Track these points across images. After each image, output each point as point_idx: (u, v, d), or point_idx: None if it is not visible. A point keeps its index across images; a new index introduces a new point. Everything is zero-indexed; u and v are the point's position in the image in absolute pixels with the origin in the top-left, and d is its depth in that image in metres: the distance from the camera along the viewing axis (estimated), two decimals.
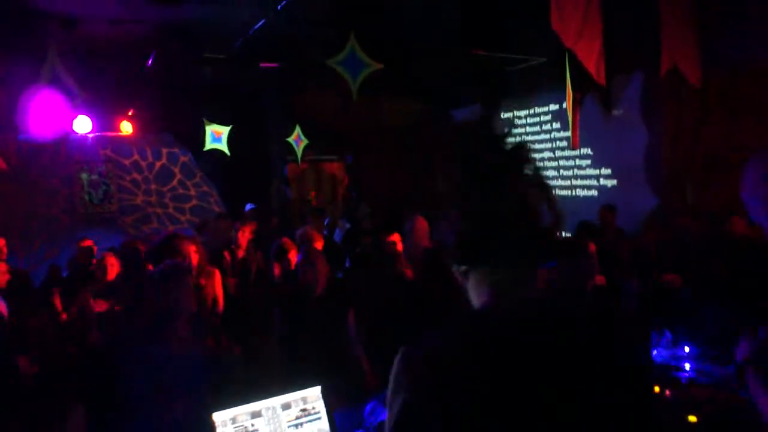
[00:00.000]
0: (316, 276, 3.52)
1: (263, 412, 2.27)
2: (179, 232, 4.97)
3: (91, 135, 8.95)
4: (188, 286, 3.01)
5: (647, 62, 5.97)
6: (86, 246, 5.77)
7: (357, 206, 9.44)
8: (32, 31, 6.34)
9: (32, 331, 4.50)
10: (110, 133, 9.26)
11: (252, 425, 2.23)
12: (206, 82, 8.91)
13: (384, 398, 2.52)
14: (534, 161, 1.09)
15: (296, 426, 2.30)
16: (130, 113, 9.28)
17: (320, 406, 2.37)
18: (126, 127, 9.29)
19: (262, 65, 8.08)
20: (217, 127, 8.92)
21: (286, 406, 2.32)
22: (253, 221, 6.26)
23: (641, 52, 6.02)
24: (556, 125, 8.42)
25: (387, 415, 1.03)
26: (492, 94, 9.14)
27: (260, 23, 6.74)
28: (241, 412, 2.23)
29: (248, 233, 5.63)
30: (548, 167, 8.48)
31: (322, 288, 3.55)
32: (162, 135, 9.72)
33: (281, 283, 4.57)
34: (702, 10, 5.55)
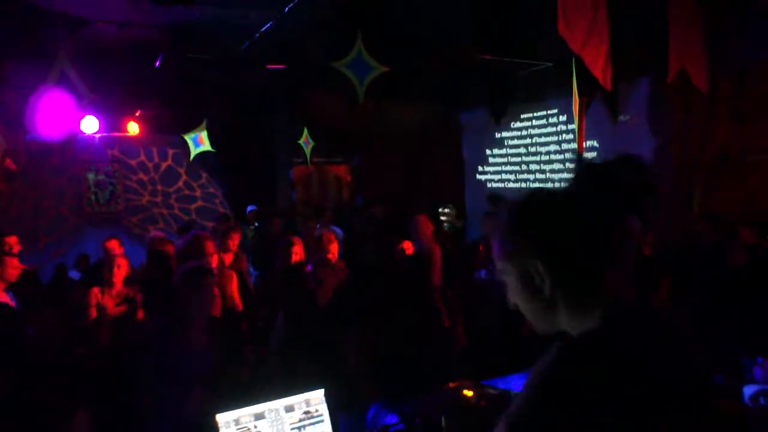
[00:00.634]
0: (323, 289, 3.52)
1: (266, 414, 2.27)
2: (201, 233, 4.96)
3: (98, 135, 8.99)
4: (210, 288, 3.04)
5: (654, 67, 5.95)
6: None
7: (367, 208, 9.40)
8: (41, 33, 6.37)
9: (37, 329, 4.51)
10: (117, 134, 9.31)
11: (255, 427, 2.23)
12: (213, 84, 8.94)
13: (386, 402, 2.52)
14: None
15: (299, 429, 2.30)
16: (137, 114, 9.32)
17: (323, 409, 2.37)
18: (133, 128, 9.32)
19: (269, 67, 8.10)
20: (205, 137, 8.83)
21: (290, 409, 2.32)
22: (239, 230, 6.23)
23: (648, 57, 6.01)
24: (563, 128, 8.42)
25: None
26: (499, 99, 9.13)
27: (267, 25, 6.76)
28: (245, 414, 2.24)
29: (236, 240, 5.64)
30: (555, 170, 8.49)
31: (328, 300, 3.56)
32: (168, 136, 9.76)
33: (283, 281, 4.58)
34: (709, 15, 5.53)
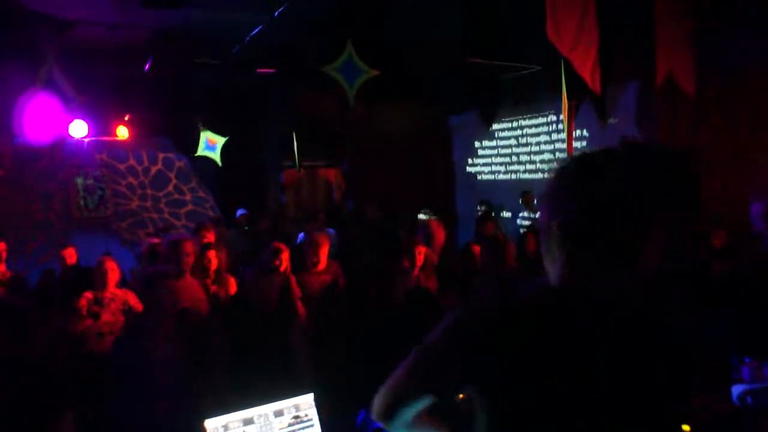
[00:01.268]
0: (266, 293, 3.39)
1: (255, 419, 2.25)
2: (183, 236, 4.90)
3: (87, 139, 8.92)
4: (167, 292, 2.98)
5: (643, 71, 5.99)
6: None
7: (363, 210, 9.36)
8: (29, 35, 6.33)
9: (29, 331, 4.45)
10: (106, 138, 9.23)
11: None
12: (203, 88, 8.91)
13: None
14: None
15: None
16: (127, 118, 9.26)
17: (313, 414, 2.35)
18: (122, 132, 9.25)
19: (259, 71, 8.09)
20: (212, 136, 8.85)
21: (279, 413, 2.30)
22: (212, 228, 6.17)
23: (637, 61, 6.05)
24: (553, 127, 8.46)
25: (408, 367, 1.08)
26: (488, 102, 9.17)
27: (257, 29, 6.75)
28: (234, 419, 2.22)
29: (211, 238, 5.59)
30: (546, 160, 8.54)
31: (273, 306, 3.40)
32: (158, 140, 9.70)
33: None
34: (696, 18, 5.58)
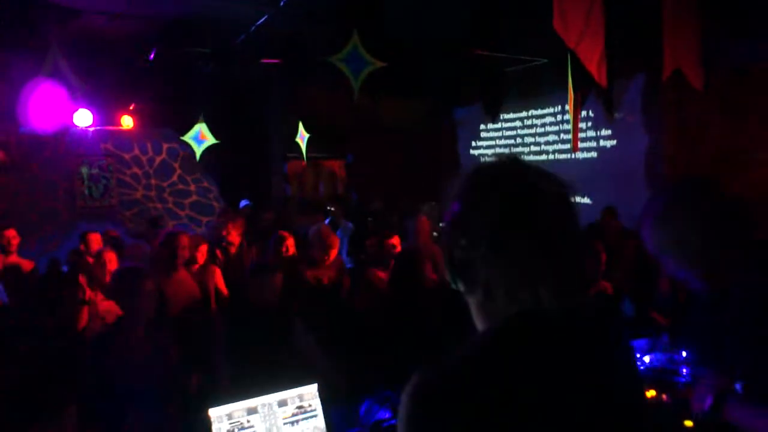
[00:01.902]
0: (264, 292, 3.37)
1: (259, 409, 2.26)
2: (180, 230, 4.95)
3: (92, 129, 8.93)
4: (146, 293, 2.93)
5: (650, 65, 5.96)
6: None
7: (369, 202, 9.36)
8: (33, 24, 6.32)
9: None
10: (111, 128, 9.25)
11: (248, 422, 2.23)
12: (207, 78, 8.89)
13: (380, 398, 2.52)
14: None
15: (292, 423, 2.30)
16: (131, 107, 9.27)
17: (316, 404, 2.37)
18: (127, 122, 9.27)
19: (264, 61, 8.07)
20: (206, 131, 8.78)
21: (283, 403, 2.31)
22: (241, 217, 6.21)
23: (643, 55, 6.01)
24: (558, 121, 8.44)
25: None
26: (493, 95, 9.13)
27: (262, 19, 6.73)
28: (237, 408, 2.23)
29: (240, 229, 5.62)
30: (550, 141, 8.55)
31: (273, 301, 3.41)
32: (162, 130, 9.71)
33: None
34: (704, 13, 5.53)
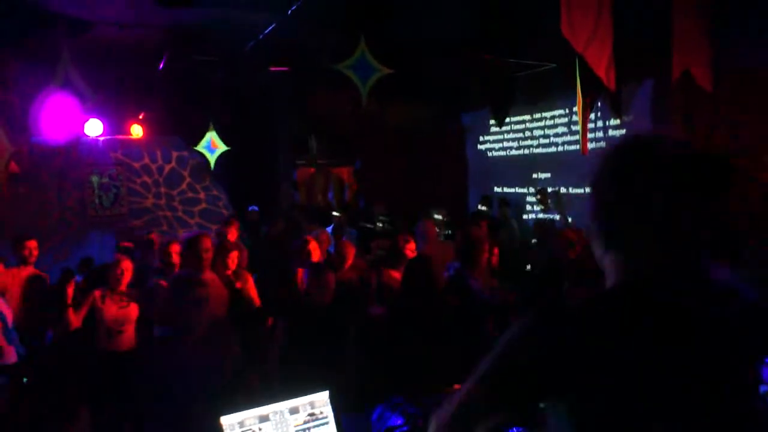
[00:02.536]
0: (323, 291, 3.52)
1: (271, 417, 2.26)
2: (202, 232, 4.96)
3: (102, 138, 9.00)
4: (202, 299, 2.99)
5: (658, 68, 5.94)
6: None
7: (369, 209, 9.40)
8: (44, 34, 6.39)
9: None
10: (121, 137, 9.32)
11: (260, 429, 2.22)
12: (216, 86, 8.95)
13: (391, 404, 2.50)
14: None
15: (304, 431, 2.29)
16: (141, 116, 9.33)
17: (328, 411, 2.36)
18: (136, 131, 9.34)
19: (272, 69, 8.11)
20: (217, 140, 8.90)
21: (294, 411, 2.31)
22: (235, 220, 6.25)
23: (652, 58, 5.99)
24: (565, 128, 8.42)
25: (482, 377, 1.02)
26: (501, 100, 9.11)
27: (271, 27, 6.76)
28: (249, 416, 2.23)
29: (234, 232, 5.65)
30: (560, 133, 8.50)
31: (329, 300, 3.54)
32: (172, 138, 9.77)
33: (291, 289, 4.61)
34: (714, 15, 5.52)
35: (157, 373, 2.89)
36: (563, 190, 8.19)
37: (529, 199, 8.83)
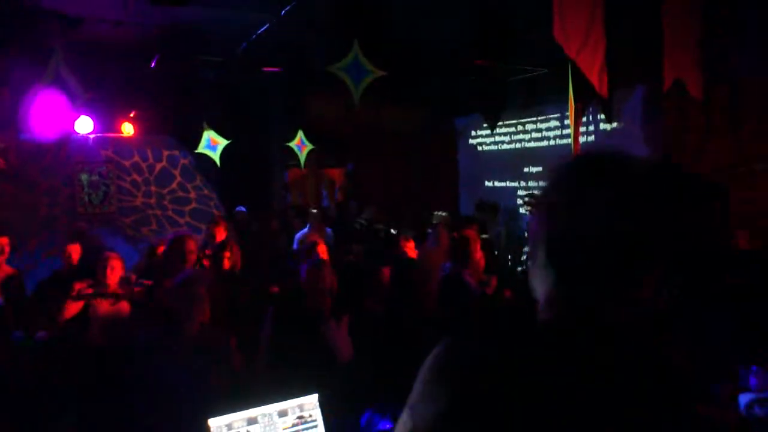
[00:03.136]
0: (324, 292, 3.48)
1: (259, 419, 2.25)
2: (187, 233, 4.94)
3: (92, 136, 8.94)
4: (200, 297, 3.01)
5: (650, 75, 5.97)
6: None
7: (360, 210, 9.39)
8: (35, 31, 6.34)
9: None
10: (111, 135, 9.25)
11: None
12: (208, 86, 8.91)
13: (380, 408, 2.50)
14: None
15: None
16: (132, 115, 9.28)
17: (317, 415, 2.35)
18: (127, 129, 9.28)
19: (265, 69, 8.09)
20: (216, 136, 8.87)
21: (283, 414, 2.30)
22: (222, 220, 6.21)
23: (644, 65, 6.03)
24: (557, 133, 8.46)
25: (403, 423, 0.93)
26: (494, 104, 9.14)
27: (264, 27, 6.75)
28: (237, 419, 2.22)
29: (222, 231, 5.63)
30: (551, 127, 8.52)
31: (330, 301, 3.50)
32: (163, 137, 9.72)
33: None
34: (705, 24, 5.56)
35: (147, 372, 2.87)
36: None
37: (520, 193, 8.95)
